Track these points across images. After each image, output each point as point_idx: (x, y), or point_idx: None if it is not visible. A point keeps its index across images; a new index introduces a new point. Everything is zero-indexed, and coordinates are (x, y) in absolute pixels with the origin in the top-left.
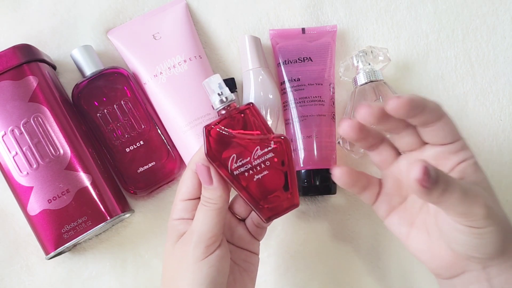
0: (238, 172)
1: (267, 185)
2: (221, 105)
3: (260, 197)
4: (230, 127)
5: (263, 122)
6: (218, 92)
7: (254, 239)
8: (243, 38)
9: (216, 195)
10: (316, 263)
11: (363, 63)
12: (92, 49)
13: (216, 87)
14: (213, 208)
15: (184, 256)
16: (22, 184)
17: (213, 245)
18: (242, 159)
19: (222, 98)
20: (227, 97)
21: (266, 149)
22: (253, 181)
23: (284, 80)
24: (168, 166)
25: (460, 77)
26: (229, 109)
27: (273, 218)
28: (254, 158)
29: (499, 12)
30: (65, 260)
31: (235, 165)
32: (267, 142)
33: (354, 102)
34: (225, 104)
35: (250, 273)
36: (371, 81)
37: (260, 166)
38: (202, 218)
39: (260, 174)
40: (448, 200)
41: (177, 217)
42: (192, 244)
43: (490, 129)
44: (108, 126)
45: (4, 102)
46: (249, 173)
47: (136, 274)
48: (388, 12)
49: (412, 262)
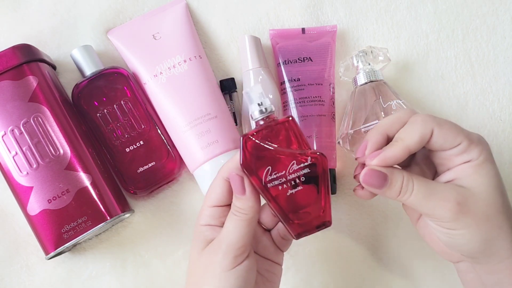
0: (272, 185)
1: (299, 200)
2: (260, 116)
3: (292, 212)
4: (268, 139)
5: (301, 136)
6: (258, 102)
7: (278, 250)
8: (243, 38)
9: (248, 205)
10: (316, 263)
11: (363, 63)
12: (92, 49)
13: (256, 97)
14: (244, 219)
15: (211, 264)
16: (22, 184)
17: (242, 256)
18: (277, 172)
19: (261, 108)
20: (266, 108)
21: (302, 164)
22: (286, 195)
23: (284, 80)
24: (168, 166)
25: (460, 77)
26: (268, 120)
27: (303, 235)
28: (290, 172)
29: (499, 12)
30: (65, 260)
31: (269, 177)
32: (304, 157)
33: (354, 102)
34: (264, 115)
35: (273, 284)
36: (371, 81)
37: (295, 181)
38: (232, 227)
39: (294, 189)
40: (407, 200)
41: (204, 223)
42: (221, 253)
43: (490, 129)
44: (108, 126)
45: (4, 102)
46: (283, 187)
47: (136, 274)
48: (388, 12)
49: (412, 262)
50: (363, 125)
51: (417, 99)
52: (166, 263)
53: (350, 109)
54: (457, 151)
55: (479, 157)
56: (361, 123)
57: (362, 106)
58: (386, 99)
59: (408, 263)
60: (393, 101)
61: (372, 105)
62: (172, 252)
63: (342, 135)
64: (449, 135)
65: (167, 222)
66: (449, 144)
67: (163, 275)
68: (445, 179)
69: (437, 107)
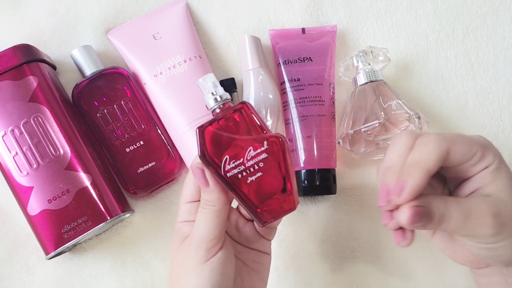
0: (231, 174)
1: (263, 187)
2: (215, 105)
3: (257, 200)
4: (225, 128)
5: (260, 121)
6: (212, 92)
7: (263, 239)
8: (243, 38)
9: (214, 197)
10: (316, 263)
11: (363, 63)
12: (92, 49)
13: (210, 86)
14: (212, 211)
15: (186, 259)
16: (22, 184)
17: (214, 248)
18: (236, 160)
19: (216, 97)
20: (221, 96)
21: (259, 150)
22: (247, 183)
23: (284, 80)
24: (168, 166)
25: (460, 77)
26: (223, 109)
27: (270, 222)
28: (247, 159)
29: (499, 12)
30: (65, 260)
31: (228, 166)
32: (260, 142)
33: (354, 102)
34: (219, 104)
35: (259, 273)
36: (371, 81)
37: (254, 168)
38: (202, 221)
39: (254, 176)
40: (448, 227)
41: (181, 219)
42: (193, 248)
43: (490, 129)
44: (108, 126)
45: (4, 102)
46: (243, 175)
47: (136, 274)
48: (388, 12)
49: (412, 262)
50: (363, 125)
51: (417, 99)
52: (166, 263)
53: (350, 109)
54: (474, 161)
55: (494, 160)
56: (361, 123)
57: (362, 106)
58: (386, 99)
59: (408, 263)
60: (393, 101)
61: (372, 105)
62: None
63: (342, 135)
64: (465, 149)
65: (167, 222)
66: (466, 158)
67: (163, 275)
68: (468, 191)
69: (437, 107)
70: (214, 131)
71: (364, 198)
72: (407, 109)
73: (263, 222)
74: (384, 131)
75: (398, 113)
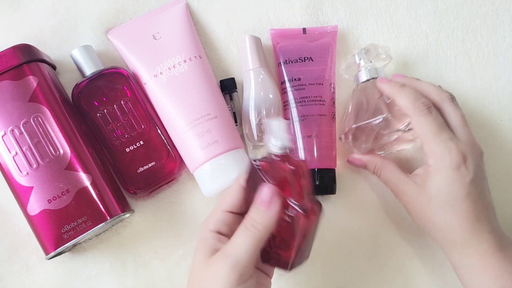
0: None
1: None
2: (277, 151)
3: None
4: (269, 174)
5: (302, 186)
6: (277, 137)
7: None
8: (243, 38)
9: (266, 221)
10: (316, 263)
11: (364, 60)
12: (92, 49)
13: (278, 131)
14: (256, 235)
15: (216, 277)
16: (22, 184)
17: (248, 274)
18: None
19: (280, 145)
20: (285, 146)
21: (286, 211)
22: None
23: (284, 79)
24: (168, 166)
25: (460, 77)
26: (280, 157)
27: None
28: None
29: (499, 12)
30: (65, 260)
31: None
32: (289, 208)
33: (356, 99)
34: (280, 152)
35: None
36: (374, 78)
37: (288, 216)
38: (244, 243)
39: (285, 221)
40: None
41: (213, 228)
42: (226, 268)
43: (490, 129)
44: (108, 126)
45: (4, 102)
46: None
47: (136, 274)
48: (388, 12)
49: (412, 262)
50: (367, 121)
51: None
52: (166, 263)
53: (351, 106)
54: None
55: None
56: (364, 119)
57: (364, 103)
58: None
59: (408, 263)
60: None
61: (376, 101)
62: (172, 252)
63: (343, 131)
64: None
65: (167, 222)
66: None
67: (163, 275)
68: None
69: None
70: (261, 171)
71: (364, 198)
72: None
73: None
74: (388, 127)
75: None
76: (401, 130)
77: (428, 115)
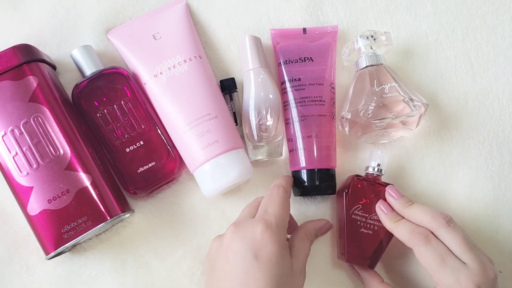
0: (354, 217)
1: (363, 244)
2: (373, 172)
3: (351, 243)
4: (366, 190)
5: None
6: (378, 163)
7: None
8: (243, 38)
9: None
10: (316, 263)
11: (365, 46)
12: (92, 49)
13: (377, 159)
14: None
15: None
16: (22, 184)
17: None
18: (364, 213)
19: (378, 168)
20: (381, 169)
21: (373, 221)
22: (359, 231)
23: (284, 79)
24: (168, 166)
25: (460, 77)
26: (374, 177)
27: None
28: (371, 219)
29: (499, 12)
30: (65, 260)
31: (356, 212)
32: (374, 220)
33: (354, 85)
34: (376, 173)
35: None
36: (372, 65)
37: (371, 225)
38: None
39: (368, 230)
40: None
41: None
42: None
43: (490, 129)
44: (108, 126)
45: (4, 102)
46: (360, 225)
47: (136, 274)
48: (387, 12)
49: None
50: (360, 108)
51: None
52: (166, 263)
53: (350, 93)
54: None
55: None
56: (358, 106)
57: (359, 90)
58: (381, 83)
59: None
60: (387, 84)
61: (370, 88)
62: (172, 252)
63: (341, 118)
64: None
65: (167, 222)
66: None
67: (163, 275)
68: None
69: (437, 107)
70: (364, 183)
71: None
72: (400, 92)
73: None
74: (381, 114)
75: (390, 96)
76: (389, 118)
77: (428, 245)
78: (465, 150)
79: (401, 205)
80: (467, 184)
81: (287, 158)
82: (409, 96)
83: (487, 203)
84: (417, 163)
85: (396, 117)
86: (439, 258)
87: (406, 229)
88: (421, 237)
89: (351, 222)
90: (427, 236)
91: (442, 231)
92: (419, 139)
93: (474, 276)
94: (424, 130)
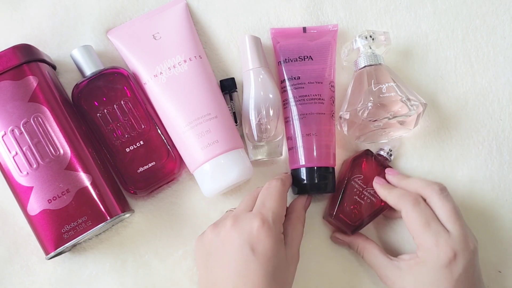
0: (353, 183)
1: (352, 206)
2: (385, 156)
3: (344, 209)
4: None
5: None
6: (390, 148)
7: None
8: (243, 38)
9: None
10: (315, 263)
11: (364, 46)
12: (92, 49)
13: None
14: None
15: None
16: (22, 184)
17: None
18: (362, 183)
19: (390, 153)
20: (391, 154)
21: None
22: (353, 198)
23: (284, 78)
24: (168, 166)
25: (460, 77)
26: (384, 159)
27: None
28: (367, 191)
29: (499, 12)
30: (65, 260)
31: (356, 180)
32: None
33: (352, 85)
34: (386, 156)
35: None
36: (371, 65)
37: (366, 196)
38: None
39: (361, 200)
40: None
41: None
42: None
43: (490, 129)
44: (108, 126)
45: (4, 102)
46: (356, 193)
47: (136, 274)
48: (387, 12)
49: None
50: (351, 109)
51: None
52: (166, 263)
53: (348, 93)
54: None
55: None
56: (355, 107)
57: (357, 90)
58: (379, 83)
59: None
60: (385, 84)
61: (367, 88)
62: (172, 252)
63: (339, 118)
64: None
65: (167, 222)
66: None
67: (163, 275)
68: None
69: (437, 107)
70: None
71: None
72: (398, 92)
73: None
74: (379, 114)
75: (387, 95)
76: (387, 117)
77: (416, 207)
78: (464, 150)
79: (398, 179)
80: (466, 184)
81: (287, 158)
82: (407, 96)
83: (486, 203)
84: (416, 163)
85: (394, 117)
86: (424, 220)
87: (397, 193)
88: (411, 198)
89: (349, 187)
90: (417, 199)
91: (434, 198)
92: (419, 139)
93: (453, 243)
94: (424, 130)
